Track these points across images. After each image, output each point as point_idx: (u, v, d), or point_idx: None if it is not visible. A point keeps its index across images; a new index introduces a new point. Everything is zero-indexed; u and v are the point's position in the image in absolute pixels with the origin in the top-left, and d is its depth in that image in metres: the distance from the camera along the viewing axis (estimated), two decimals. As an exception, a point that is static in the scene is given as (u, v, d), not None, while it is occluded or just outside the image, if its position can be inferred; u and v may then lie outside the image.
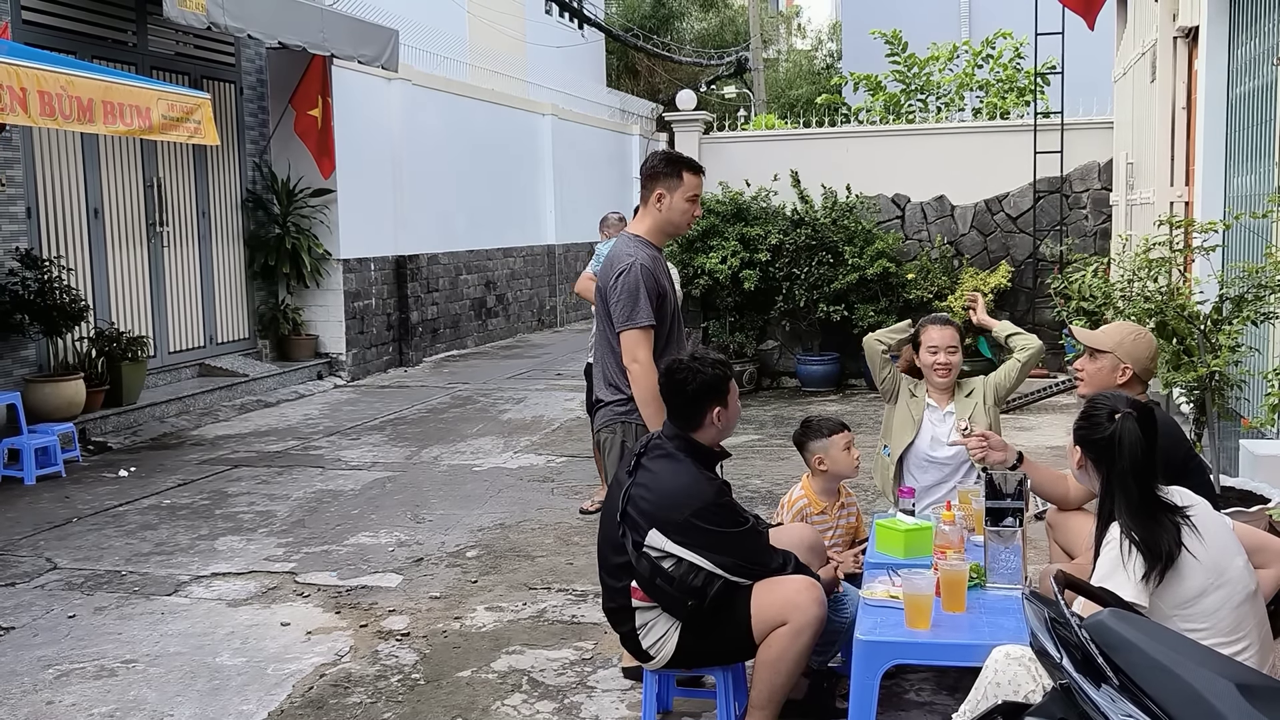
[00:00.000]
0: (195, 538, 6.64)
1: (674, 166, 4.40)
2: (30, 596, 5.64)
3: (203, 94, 8.66)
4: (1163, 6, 8.05)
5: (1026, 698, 2.85)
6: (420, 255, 14.61)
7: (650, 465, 3.70)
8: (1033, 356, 4.88)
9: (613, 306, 4.28)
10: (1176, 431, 3.99)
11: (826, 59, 38.96)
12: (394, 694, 4.41)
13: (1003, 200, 11.81)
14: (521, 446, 9.11)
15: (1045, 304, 11.30)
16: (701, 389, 3.71)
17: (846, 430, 4.47)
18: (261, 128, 12.49)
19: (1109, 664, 2.32)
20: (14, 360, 9.21)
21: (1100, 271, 6.69)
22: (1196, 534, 2.98)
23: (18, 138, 9.22)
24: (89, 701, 4.41)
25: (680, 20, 32.98)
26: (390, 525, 6.84)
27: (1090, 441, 3.16)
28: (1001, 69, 14.19)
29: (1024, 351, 4.89)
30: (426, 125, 14.80)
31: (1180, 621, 2.90)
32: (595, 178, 20.80)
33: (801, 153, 12.08)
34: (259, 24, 10.32)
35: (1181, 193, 7.97)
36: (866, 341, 5.04)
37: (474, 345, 16.24)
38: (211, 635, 5.08)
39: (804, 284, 11.26)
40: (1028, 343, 4.91)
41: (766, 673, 3.58)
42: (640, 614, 3.68)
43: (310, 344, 12.81)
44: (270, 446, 9.27)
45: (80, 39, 9.90)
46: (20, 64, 6.84)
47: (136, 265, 10.77)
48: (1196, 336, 5.40)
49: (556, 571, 5.88)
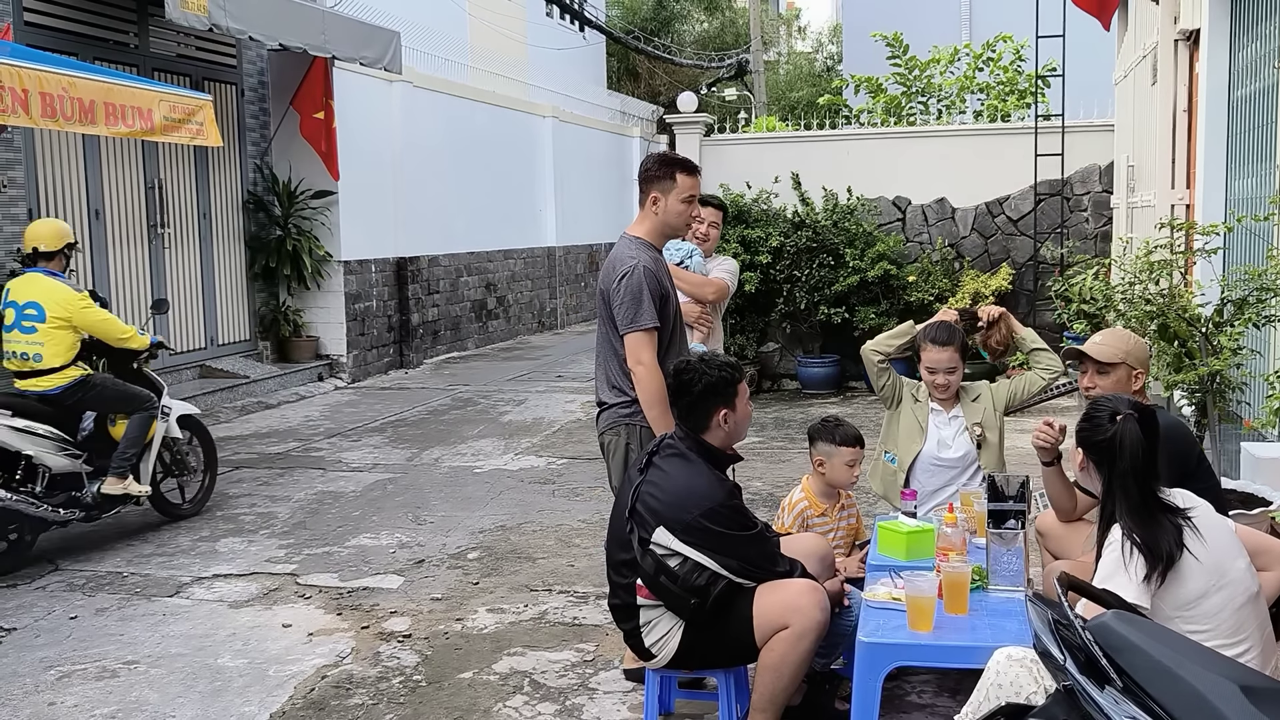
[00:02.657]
0: (196, 539, 6.64)
1: (668, 168, 4.41)
2: (32, 598, 5.65)
3: (204, 96, 8.66)
4: (1164, 9, 8.05)
5: (1029, 699, 2.85)
6: (421, 257, 14.61)
7: (662, 464, 3.71)
8: (1054, 380, 4.85)
9: (616, 309, 4.28)
10: (1187, 435, 4.00)
11: (827, 61, 38.99)
12: (395, 695, 4.41)
13: (1004, 203, 11.81)
14: (522, 448, 9.11)
15: (1046, 306, 11.29)
16: (707, 390, 3.72)
17: (860, 448, 4.44)
18: (263, 129, 12.50)
19: (1112, 666, 2.32)
20: (15, 361, 9.19)
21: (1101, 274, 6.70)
22: (1198, 535, 2.98)
23: (19, 139, 9.22)
24: (90, 703, 4.41)
25: (681, 22, 33.03)
26: (391, 527, 6.84)
27: (1092, 443, 3.17)
28: (1002, 71, 14.20)
29: (1047, 372, 4.81)
30: (427, 127, 14.81)
31: (1182, 623, 2.90)
32: (596, 180, 20.80)
33: (802, 155, 12.08)
34: (260, 26, 10.33)
35: (1183, 195, 7.98)
36: (864, 352, 4.97)
37: (474, 347, 16.24)
38: (213, 637, 5.08)
39: (805, 286, 11.26)
40: (1052, 363, 4.79)
41: (768, 676, 3.58)
42: (644, 612, 3.68)
43: (311, 346, 12.81)
44: (271, 448, 9.28)
45: (82, 40, 9.90)
46: (22, 65, 6.85)
47: (137, 266, 10.77)
48: (1198, 339, 5.41)
49: (557, 573, 5.88)
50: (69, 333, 6.34)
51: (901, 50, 14.16)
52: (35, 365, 6.29)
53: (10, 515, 6.01)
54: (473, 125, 16.21)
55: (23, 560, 6.12)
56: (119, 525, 6.89)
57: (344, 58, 11.87)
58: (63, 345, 6.32)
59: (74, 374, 6.37)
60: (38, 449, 6.15)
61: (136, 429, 6.61)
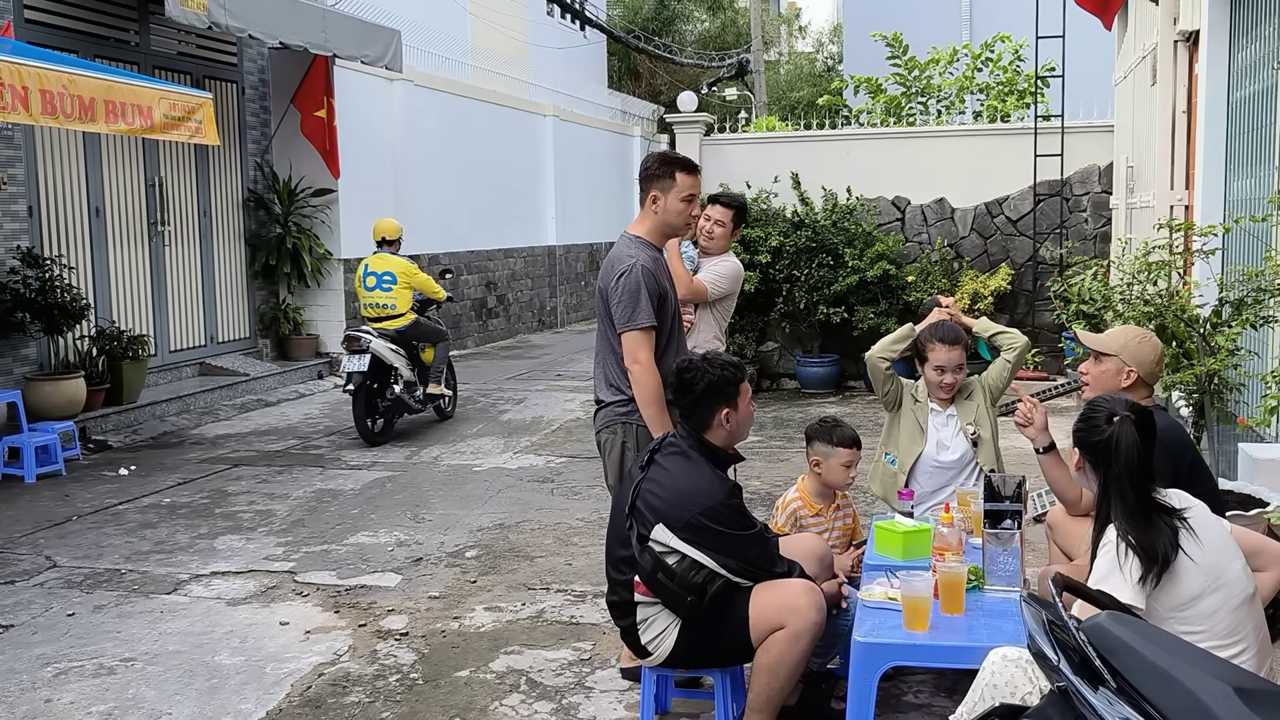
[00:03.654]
0: (195, 537, 6.64)
1: (668, 167, 4.42)
2: (29, 594, 5.65)
3: (204, 94, 8.67)
4: (1163, 10, 8.05)
5: (1024, 700, 2.85)
6: (421, 255, 14.59)
7: (664, 462, 3.71)
8: (1020, 354, 4.87)
9: (614, 307, 4.29)
10: (1183, 436, 4.00)
11: (828, 61, 39.00)
12: (392, 694, 4.42)
13: (1003, 203, 11.82)
14: (521, 447, 9.11)
15: (1045, 307, 11.30)
16: (709, 389, 3.72)
17: (857, 450, 4.44)
18: (263, 128, 12.50)
19: (1107, 667, 2.32)
20: (15, 359, 9.21)
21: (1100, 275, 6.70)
22: (1193, 536, 2.98)
23: (19, 136, 9.23)
24: (87, 700, 4.41)
25: (682, 22, 33.01)
26: (390, 525, 6.84)
27: (1088, 444, 3.17)
28: (1001, 72, 14.20)
29: (1011, 350, 4.87)
30: (428, 126, 14.81)
31: (1177, 624, 2.91)
32: (596, 179, 20.80)
33: (802, 155, 12.09)
34: (261, 24, 10.33)
35: (1181, 196, 7.98)
36: (869, 360, 4.94)
37: (474, 345, 16.25)
38: (210, 634, 5.08)
39: (804, 286, 11.27)
40: (1014, 340, 4.88)
41: (764, 676, 3.59)
42: (641, 609, 3.69)
43: (311, 344, 12.83)
44: (270, 446, 9.28)
45: (83, 38, 9.91)
46: (22, 62, 6.85)
47: (137, 264, 10.78)
48: (1195, 339, 5.42)
49: (555, 572, 5.88)
50: (408, 290, 9.51)
51: (901, 50, 14.16)
52: (390, 312, 9.41)
53: (398, 404, 9.35)
54: (473, 124, 16.22)
55: (388, 436, 9.35)
56: (118, 522, 6.91)
57: (345, 56, 11.88)
58: (406, 298, 9.49)
59: (411, 317, 9.55)
60: (400, 364, 9.36)
61: (442, 353, 9.88)
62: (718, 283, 5.81)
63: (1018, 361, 4.88)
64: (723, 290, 5.84)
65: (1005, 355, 4.88)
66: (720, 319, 5.93)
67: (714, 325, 5.88)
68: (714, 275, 5.83)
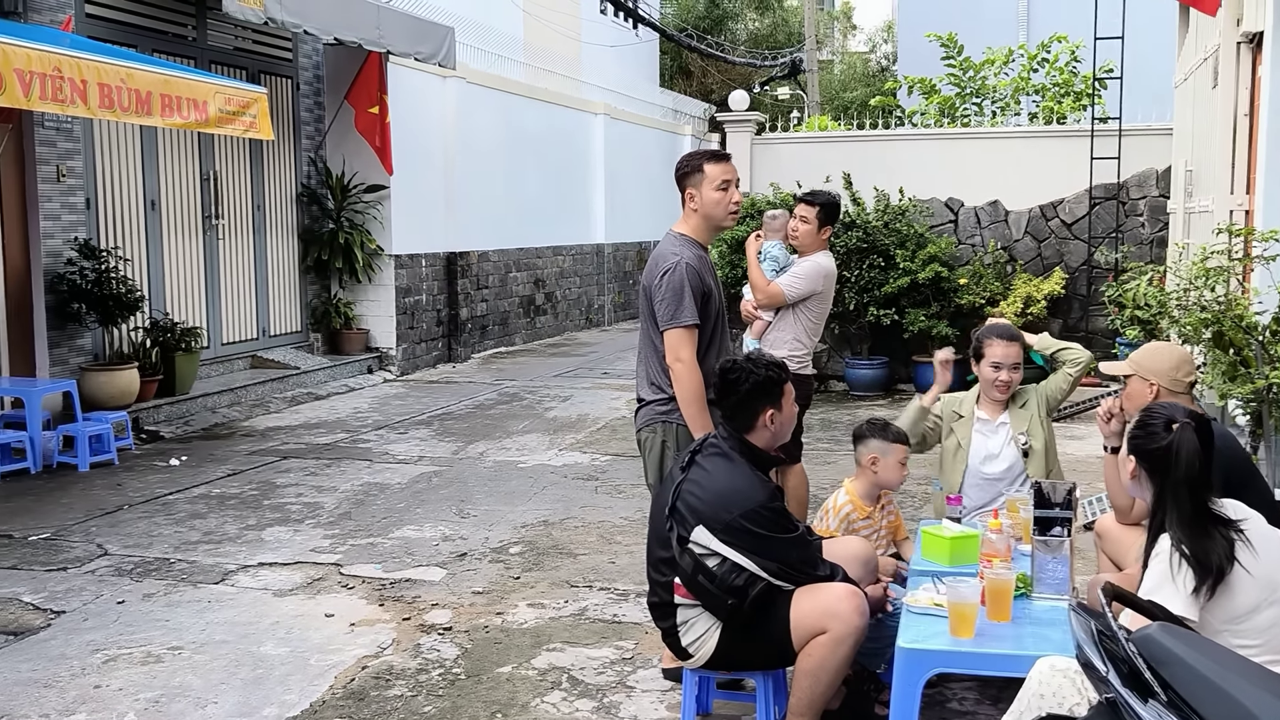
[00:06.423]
0: (243, 528, 6.71)
1: (696, 161, 4.44)
2: (81, 581, 5.73)
3: (259, 89, 8.76)
4: (1226, 11, 7.91)
5: (1071, 711, 2.81)
6: (471, 252, 14.69)
7: (704, 463, 3.69)
8: (1083, 369, 4.82)
9: (657, 305, 4.27)
10: (1237, 447, 3.92)
11: (881, 61, 38.74)
12: (434, 688, 4.43)
13: (1058, 206, 11.66)
14: (566, 444, 9.12)
15: (1099, 312, 11.14)
16: (754, 390, 3.70)
17: (909, 446, 4.44)
18: (317, 123, 12.61)
19: (1157, 679, 2.28)
20: (70, 349, 9.36)
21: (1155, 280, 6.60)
22: (1250, 548, 2.92)
23: (78, 129, 9.37)
24: (135, 686, 4.47)
25: (734, 21, 32.91)
26: (435, 519, 6.87)
27: (1146, 451, 3.10)
28: (1058, 73, 14.02)
29: (1075, 365, 4.81)
30: (480, 123, 14.87)
31: (1231, 637, 2.84)
32: (646, 178, 20.78)
33: (854, 155, 11.99)
34: (316, 20, 10.43)
35: (1242, 201, 7.83)
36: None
37: (522, 343, 16.31)
38: (256, 625, 5.13)
39: (854, 287, 11.18)
40: (1078, 355, 4.83)
41: (806, 681, 3.55)
42: (682, 611, 3.67)
43: (361, 338, 12.93)
44: (319, 439, 9.36)
45: (141, 33, 10.04)
46: (81, 56, 6.96)
47: (192, 257, 10.91)
48: (1254, 348, 5.31)
49: (599, 570, 5.88)
50: None
51: (956, 51, 14.03)
52: None
53: None
54: (525, 122, 16.26)
55: None
56: (168, 512, 6.99)
57: (399, 53, 11.96)
58: None
59: None
60: None
61: None
62: (795, 284, 5.76)
63: (1079, 376, 4.83)
64: (800, 291, 5.75)
65: (1068, 369, 4.82)
66: (807, 320, 5.82)
67: (794, 326, 5.80)
68: (792, 277, 5.81)
